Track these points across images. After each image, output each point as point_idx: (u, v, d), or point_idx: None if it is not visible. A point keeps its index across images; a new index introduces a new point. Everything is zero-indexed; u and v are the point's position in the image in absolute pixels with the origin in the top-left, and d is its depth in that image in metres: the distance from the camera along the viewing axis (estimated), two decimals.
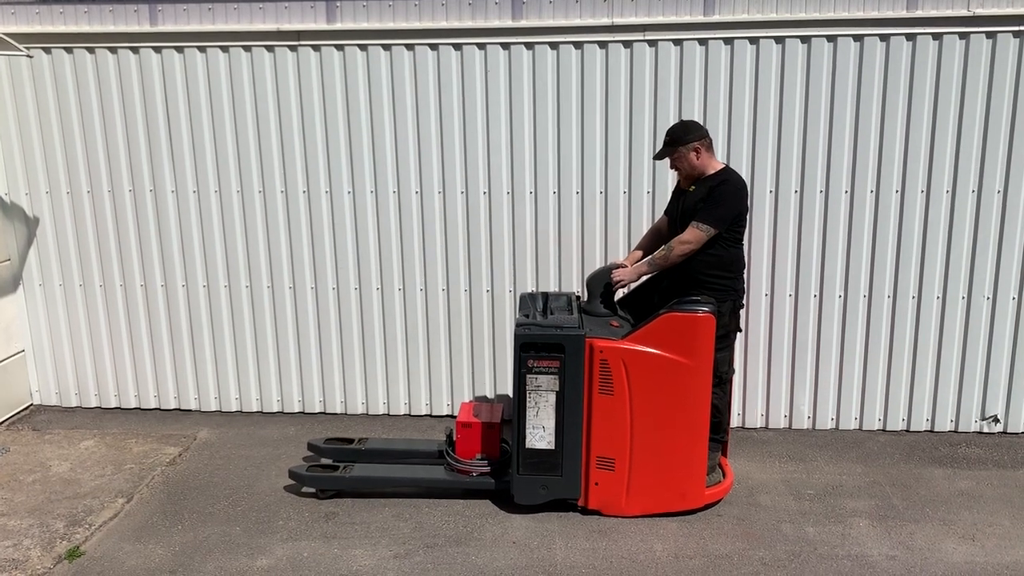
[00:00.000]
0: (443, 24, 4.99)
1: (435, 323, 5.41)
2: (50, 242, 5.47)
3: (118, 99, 5.23)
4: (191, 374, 5.61)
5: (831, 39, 4.85)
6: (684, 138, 4.20)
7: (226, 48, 5.11)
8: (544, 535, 4.11)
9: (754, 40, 4.89)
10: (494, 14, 4.99)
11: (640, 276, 4.40)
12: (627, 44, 4.95)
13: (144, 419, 5.55)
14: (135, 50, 5.16)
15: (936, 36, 4.82)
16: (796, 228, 5.10)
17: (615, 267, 4.42)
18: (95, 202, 5.38)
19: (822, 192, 5.04)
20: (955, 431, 5.31)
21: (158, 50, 5.14)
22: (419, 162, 5.18)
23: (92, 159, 5.33)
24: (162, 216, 5.37)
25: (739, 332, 4.47)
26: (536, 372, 4.10)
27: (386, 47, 5.05)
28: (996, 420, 5.27)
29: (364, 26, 5.03)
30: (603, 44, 4.96)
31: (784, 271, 5.15)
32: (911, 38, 4.83)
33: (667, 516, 4.24)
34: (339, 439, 4.90)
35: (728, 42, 4.90)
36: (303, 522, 4.24)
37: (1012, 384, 5.22)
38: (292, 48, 5.09)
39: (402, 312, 5.40)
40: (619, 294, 4.61)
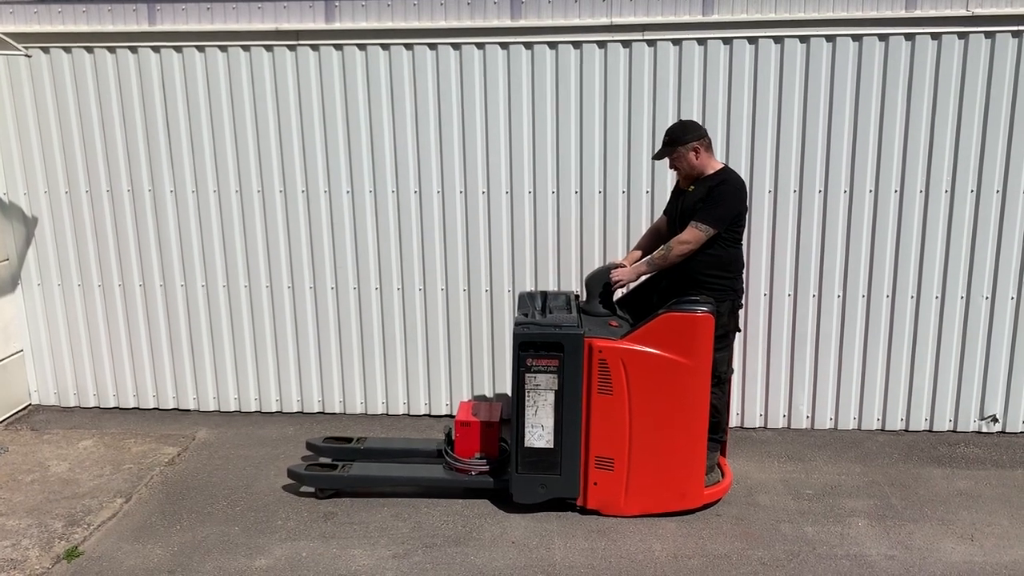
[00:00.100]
0: (442, 24, 4.99)
1: (434, 323, 5.41)
2: (48, 242, 5.47)
3: (116, 99, 5.23)
4: (190, 374, 5.61)
5: (830, 39, 4.86)
6: (683, 138, 4.19)
7: (225, 48, 5.11)
8: (543, 535, 4.11)
9: (753, 40, 4.89)
10: (493, 14, 4.99)
11: (639, 276, 4.40)
12: (626, 44, 4.95)
13: (143, 419, 5.55)
14: (134, 50, 5.15)
15: (935, 36, 4.82)
16: (795, 228, 5.10)
17: (614, 267, 4.42)
18: (93, 202, 5.38)
19: (821, 192, 5.05)
20: (954, 431, 5.31)
21: (156, 50, 5.14)
22: (418, 162, 5.18)
23: (90, 159, 5.33)
24: (160, 216, 5.37)
25: (738, 332, 4.47)
26: (535, 371, 4.10)
27: (385, 47, 5.05)
28: (995, 420, 5.27)
29: (363, 26, 5.03)
30: (602, 44, 4.96)
31: (783, 271, 5.15)
32: (910, 38, 4.84)
33: (666, 516, 4.24)
34: (338, 438, 4.90)
35: (727, 42, 4.90)
36: (302, 522, 4.24)
37: (1011, 384, 5.22)
38: (291, 48, 5.08)
39: (401, 312, 5.40)
40: (618, 294, 4.60)
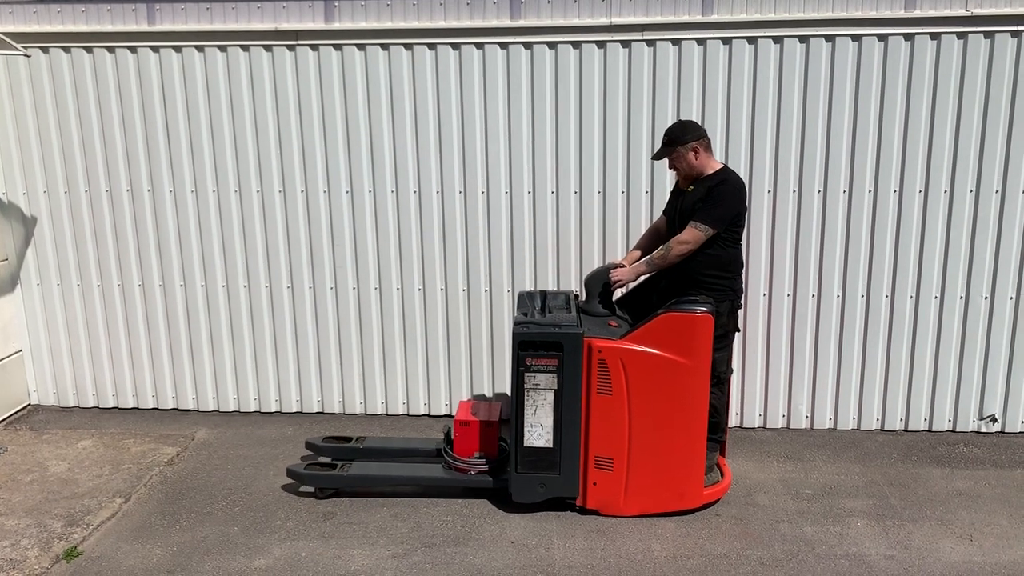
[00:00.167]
0: (441, 24, 4.99)
1: (433, 323, 5.41)
2: (48, 242, 5.47)
3: (116, 99, 5.23)
4: (189, 374, 5.60)
5: (829, 39, 4.86)
6: (682, 138, 4.19)
7: (224, 48, 5.11)
8: (542, 535, 4.11)
9: (752, 40, 4.89)
10: (492, 14, 4.99)
11: (638, 276, 4.40)
12: (625, 44, 4.95)
13: (142, 419, 5.55)
14: (133, 49, 5.15)
15: (934, 36, 4.82)
16: (794, 228, 5.10)
17: (613, 267, 4.42)
18: (93, 202, 5.38)
19: (820, 192, 5.05)
20: (953, 431, 5.31)
21: (156, 50, 5.14)
22: (417, 162, 5.18)
23: (90, 159, 5.32)
24: (160, 216, 5.37)
25: (737, 332, 4.47)
26: (534, 370, 4.10)
27: (384, 47, 5.05)
28: (994, 420, 5.28)
29: (362, 26, 5.03)
30: (601, 44, 4.96)
31: (782, 271, 5.16)
32: (909, 38, 4.84)
33: (665, 516, 4.24)
34: (337, 438, 4.90)
35: (726, 42, 4.90)
36: (301, 522, 4.24)
37: (1010, 384, 5.23)
38: (290, 48, 5.08)
39: (400, 312, 5.40)
40: (617, 294, 4.60)
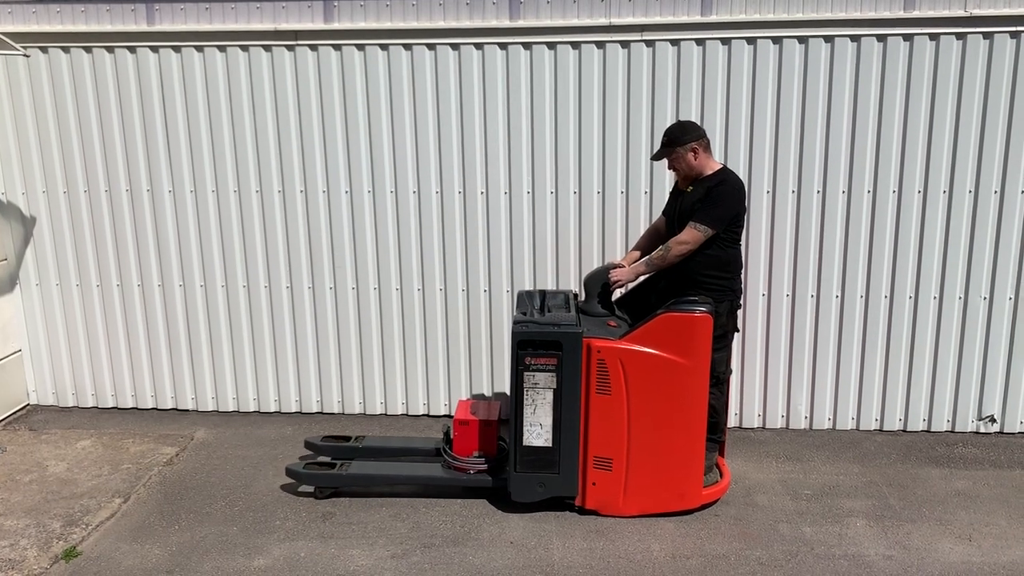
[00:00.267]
0: (440, 24, 4.99)
1: (432, 323, 5.41)
2: (47, 242, 5.46)
3: (115, 99, 5.23)
4: (188, 374, 5.60)
5: (828, 39, 4.86)
6: (682, 139, 4.20)
7: (223, 48, 5.11)
8: (541, 535, 4.11)
9: (751, 40, 4.89)
10: (491, 14, 4.99)
11: (638, 276, 4.40)
12: (624, 44, 4.95)
13: (141, 419, 5.54)
14: (132, 49, 5.15)
15: (933, 37, 4.83)
16: (793, 228, 5.11)
17: (613, 267, 4.42)
18: (92, 202, 5.38)
19: (819, 192, 5.05)
20: (952, 431, 5.31)
21: (155, 50, 5.14)
22: (416, 162, 5.18)
23: (89, 159, 5.32)
24: (159, 216, 5.37)
25: (736, 332, 4.47)
26: (534, 369, 4.10)
27: (383, 47, 5.05)
28: (993, 420, 5.28)
29: (362, 26, 5.03)
30: (600, 44, 4.96)
31: (781, 271, 5.16)
32: (908, 38, 4.84)
33: (664, 516, 4.24)
34: (336, 437, 4.90)
35: (725, 42, 4.90)
36: (300, 522, 4.23)
37: (1009, 384, 5.23)
38: (289, 48, 5.08)
39: (399, 312, 5.40)
40: (616, 294, 4.60)
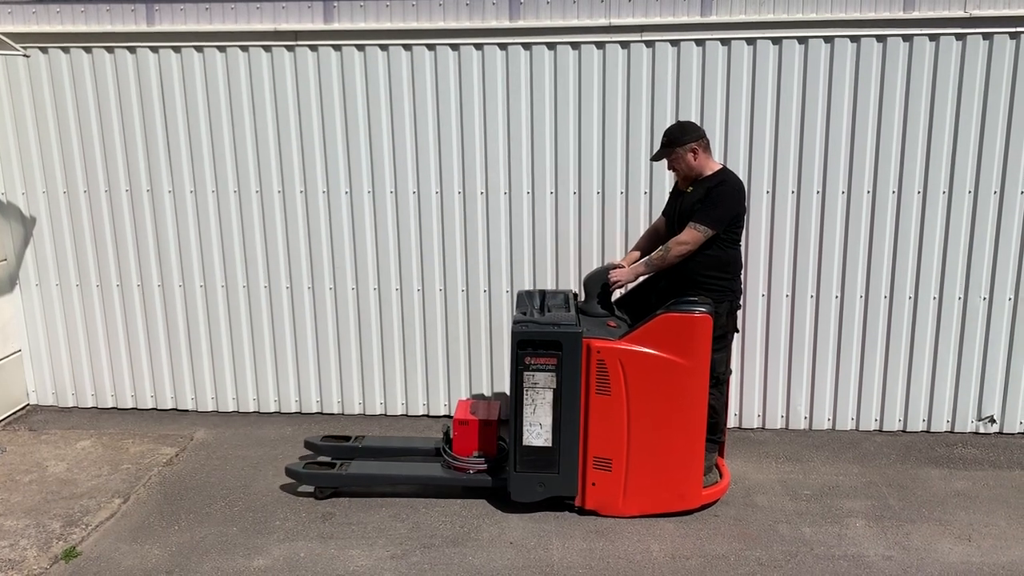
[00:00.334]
0: (440, 24, 4.99)
1: (432, 323, 5.41)
2: (47, 242, 5.46)
3: (115, 99, 5.23)
4: (188, 374, 5.60)
5: (828, 40, 4.86)
6: (681, 139, 4.20)
7: (223, 48, 5.11)
8: (541, 535, 4.11)
9: (751, 41, 4.89)
10: (491, 14, 4.99)
11: (637, 276, 4.40)
12: (624, 45, 4.95)
13: (141, 419, 5.54)
14: (132, 50, 5.15)
15: (933, 37, 4.83)
16: (793, 229, 5.11)
17: (612, 267, 4.42)
18: (92, 202, 5.38)
19: (819, 193, 5.05)
20: (951, 431, 5.31)
21: (155, 50, 5.14)
22: (416, 162, 5.18)
23: (89, 159, 5.32)
24: (159, 216, 5.37)
25: (736, 333, 4.47)
26: (533, 369, 4.10)
27: (383, 47, 5.05)
28: (992, 420, 5.28)
29: (361, 26, 5.03)
30: (600, 45, 4.96)
31: (781, 272, 5.16)
32: (908, 39, 4.84)
33: (664, 516, 4.24)
34: (336, 437, 4.90)
35: (725, 43, 4.90)
36: (300, 522, 4.23)
37: (1008, 385, 5.23)
38: (289, 48, 5.08)
39: (399, 312, 5.40)
40: (616, 294, 4.61)
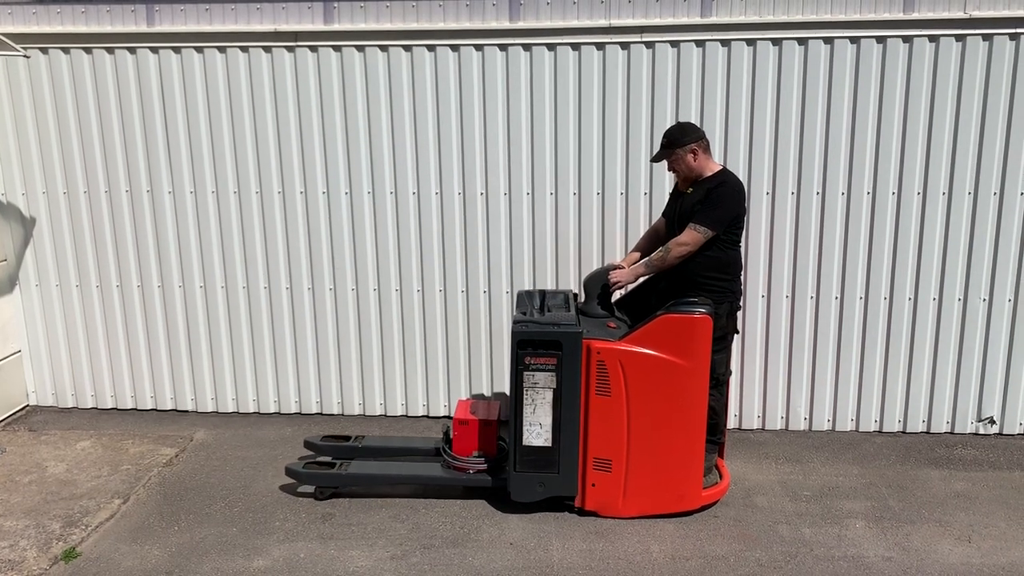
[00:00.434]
0: (440, 25, 5.00)
1: (432, 324, 5.41)
2: (47, 242, 5.46)
3: (115, 100, 5.23)
4: (188, 375, 5.60)
5: (828, 41, 4.86)
6: (681, 140, 4.20)
7: (223, 49, 5.11)
8: (541, 536, 4.11)
9: (751, 42, 4.89)
10: (491, 15, 4.99)
11: (637, 277, 4.40)
12: (624, 46, 4.96)
13: (141, 420, 5.54)
14: (132, 50, 5.15)
15: (932, 38, 4.83)
16: (793, 230, 5.11)
17: (612, 268, 4.42)
18: (92, 203, 5.38)
19: (818, 194, 5.05)
20: (951, 432, 5.31)
21: (155, 51, 5.14)
22: (416, 163, 5.18)
23: (89, 160, 5.32)
24: (159, 217, 5.37)
25: (736, 334, 4.47)
26: (533, 369, 4.10)
27: (383, 48, 5.05)
28: (992, 421, 5.28)
29: (362, 27, 5.03)
30: (600, 46, 4.96)
31: (781, 273, 5.16)
32: (908, 40, 4.84)
33: (664, 517, 4.24)
34: (336, 436, 4.90)
35: (725, 44, 4.91)
36: (300, 523, 4.23)
37: (1008, 386, 5.23)
38: (289, 49, 5.08)
39: (399, 313, 5.40)
40: (616, 295, 4.61)
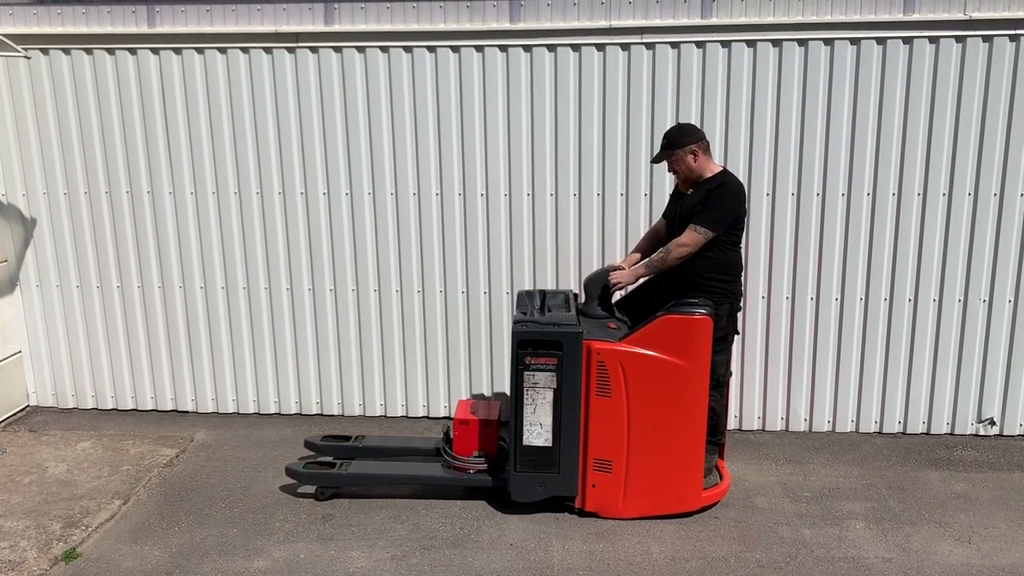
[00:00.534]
0: (441, 26, 5.00)
1: (432, 325, 5.41)
2: (47, 243, 5.47)
3: (115, 100, 5.23)
4: (188, 375, 5.60)
5: (828, 42, 4.87)
6: (681, 141, 4.20)
7: (224, 50, 5.11)
8: (541, 537, 4.11)
9: (751, 43, 4.89)
10: (492, 16, 5.00)
11: (638, 278, 4.40)
12: (625, 47, 4.96)
13: (141, 420, 5.54)
14: (133, 51, 5.15)
15: (933, 40, 4.83)
16: (793, 231, 5.11)
17: (613, 269, 4.43)
18: (92, 203, 5.38)
19: (819, 195, 5.05)
20: (951, 433, 5.32)
21: (156, 51, 5.14)
22: (416, 164, 5.19)
23: (89, 160, 5.33)
24: (159, 217, 5.37)
25: (736, 335, 4.47)
26: (534, 369, 4.10)
27: (384, 49, 5.05)
28: (992, 423, 5.28)
29: (362, 28, 5.03)
30: (601, 47, 4.97)
31: (781, 274, 5.16)
32: (908, 41, 4.85)
33: (664, 518, 4.24)
34: (336, 436, 4.91)
35: (725, 45, 4.91)
36: (300, 524, 4.23)
37: (1008, 386, 5.23)
38: (290, 50, 5.09)
39: (399, 314, 5.40)
40: (616, 296, 4.61)
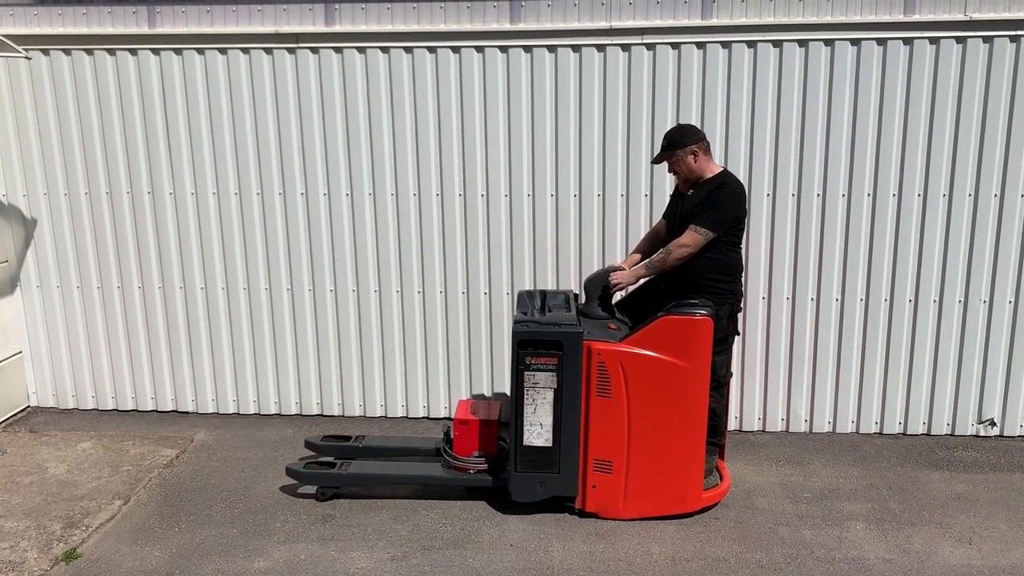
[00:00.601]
0: (441, 27, 5.00)
1: (432, 326, 5.41)
2: (48, 244, 5.47)
3: (116, 101, 5.23)
4: (188, 376, 5.60)
5: (828, 43, 4.87)
6: (681, 142, 4.20)
7: (224, 50, 5.11)
8: (541, 538, 4.11)
9: (752, 44, 4.90)
10: (492, 17, 5.00)
11: (638, 279, 4.40)
12: (625, 48, 4.96)
13: (141, 421, 5.55)
14: (133, 52, 5.16)
15: (933, 40, 4.84)
16: (793, 231, 5.11)
17: (613, 270, 4.43)
18: (93, 204, 5.38)
19: (819, 196, 5.05)
20: (952, 434, 5.31)
21: (156, 52, 5.14)
22: (417, 164, 5.19)
23: (90, 161, 5.33)
24: (160, 218, 5.37)
25: (737, 335, 4.48)
26: (534, 369, 4.10)
27: (384, 50, 5.05)
28: (993, 423, 5.28)
29: (362, 28, 5.04)
30: (601, 47, 4.97)
31: (781, 274, 5.16)
32: (908, 42, 4.85)
33: (664, 519, 4.24)
34: (336, 436, 4.91)
35: (726, 46, 4.91)
36: (300, 524, 4.23)
37: (1008, 387, 5.23)
38: (290, 50, 5.09)
39: (399, 314, 5.40)
40: (617, 297, 4.61)
